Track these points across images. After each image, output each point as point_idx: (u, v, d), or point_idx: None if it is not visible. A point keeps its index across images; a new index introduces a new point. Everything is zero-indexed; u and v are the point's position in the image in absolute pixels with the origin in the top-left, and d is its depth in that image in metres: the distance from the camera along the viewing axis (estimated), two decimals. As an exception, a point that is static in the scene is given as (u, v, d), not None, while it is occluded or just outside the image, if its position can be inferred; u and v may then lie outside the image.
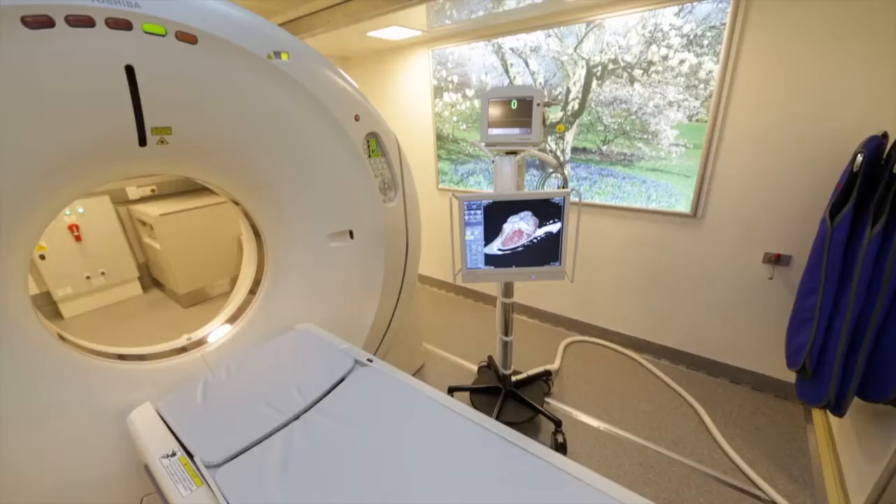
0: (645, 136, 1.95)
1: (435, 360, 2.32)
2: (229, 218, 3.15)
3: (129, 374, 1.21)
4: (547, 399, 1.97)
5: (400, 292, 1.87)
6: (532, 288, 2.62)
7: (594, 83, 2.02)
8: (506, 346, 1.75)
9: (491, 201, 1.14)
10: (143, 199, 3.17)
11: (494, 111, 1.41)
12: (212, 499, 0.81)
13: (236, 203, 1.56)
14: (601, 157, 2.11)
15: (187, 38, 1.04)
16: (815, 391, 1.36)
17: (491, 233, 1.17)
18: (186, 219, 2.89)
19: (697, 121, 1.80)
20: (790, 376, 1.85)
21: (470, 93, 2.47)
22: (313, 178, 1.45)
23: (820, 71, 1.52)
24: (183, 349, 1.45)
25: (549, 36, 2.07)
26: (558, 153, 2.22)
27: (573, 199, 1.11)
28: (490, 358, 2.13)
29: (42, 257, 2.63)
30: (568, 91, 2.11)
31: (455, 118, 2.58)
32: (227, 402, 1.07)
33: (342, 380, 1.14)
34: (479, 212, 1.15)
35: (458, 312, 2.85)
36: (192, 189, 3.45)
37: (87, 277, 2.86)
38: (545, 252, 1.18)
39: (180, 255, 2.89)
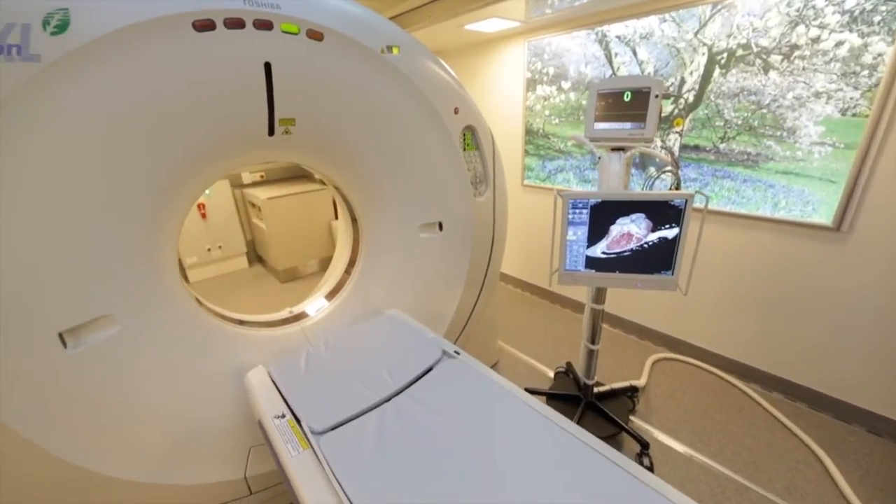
0: (778, 133, 1.68)
1: (509, 359, 2.28)
2: (323, 204, 3.42)
3: (247, 338, 1.36)
4: (631, 417, 1.82)
5: (482, 287, 1.86)
6: (618, 295, 2.44)
7: (716, 72, 1.79)
8: (591, 355, 1.65)
9: (599, 200, 1.06)
10: (254, 184, 3.57)
11: (603, 104, 1.31)
12: (316, 463, 0.88)
13: (337, 189, 1.67)
14: (717, 156, 1.87)
15: (316, 35, 1.12)
16: None
17: (596, 234, 1.10)
18: (289, 203, 3.19)
19: (854, 115, 1.50)
20: (962, 437, 1.48)
21: (566, 85, 2.35)
22: (411, 170, 1.49)
23: None
24: (286, 320, 1.60)
25: (665, 21, 1.88)
26: (665, 151, 2.01)
27: (697, 202, 0.99)
28: (569, 364, 2.03)
29: (177, 230, 3.10)
30: (682, 82, 1.90)
31: (547, 112, 2.48)
32: (326, 376, 1.15)
33: (430, 369, 1.16)
34: (584, 211, 1.08)
35: (535, 313, 2.77)
36: (294, 176, 3.81)
37: (208, 249, 3.32)
38: (656, 259, 1.07)
39: (281, 235, 3.22)
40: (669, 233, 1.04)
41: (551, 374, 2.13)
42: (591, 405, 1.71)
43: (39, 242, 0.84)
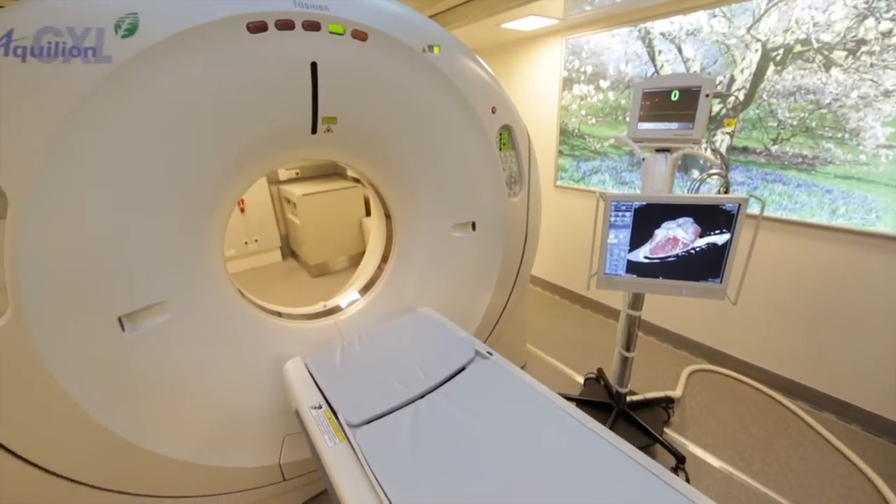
0: (839, 135, 1.57)
1: (537, 363, 2.25)
2: (355, 201, 3.49)
3: (284, 330, 1.41)
4: (665, 429, 1.75)
5: (512, 289, 1.84)
6: (653, 302, 2.35)
7: (770, 69, 1.69)
8: (625, 362, 1.60)
9: (644, 203, 1.02)
10: (290, 181, 3.68)
11: (648, 103, 1.27)
12: (352, 455, 0.89)
13: (373, 186, 1.69)
14: (768, 158, 1.76)
15: (360, 35, 1.14)
16: None
17: (639, 238, 1.06)
18: (322, 200, 3.28)
19: (929, 116, 1.37)
20: None
21: (605, 84, 2.28)
22: (446, 169, 1.49)
23: None
24: (320, 314, 1.64)
25: (715, 16, 1.79)
26: (714, 152, 1.92)
27: (752, 208, 0.93)
28: (600, 370, 1.98)
29: (217, 223, 3.24)
30: (731, 80, 1.80)
31: (584, 112, 2.43)
32: (361, 370, 1.17)
33: (463, 368, 1.16)
34: (627, 214, 1.04)
35: (565, 317, 2.72)
36: (326, 174, 3.91)
37: (245, 243, 3.46)
38: (704, 266, 1.03)
39: (314, 231, 3.30)
40: (719, 239, 0.99)
41: (580, 380, 2.08)
42: (624, 414, 1.66)
43: (106, 232, 0.90)
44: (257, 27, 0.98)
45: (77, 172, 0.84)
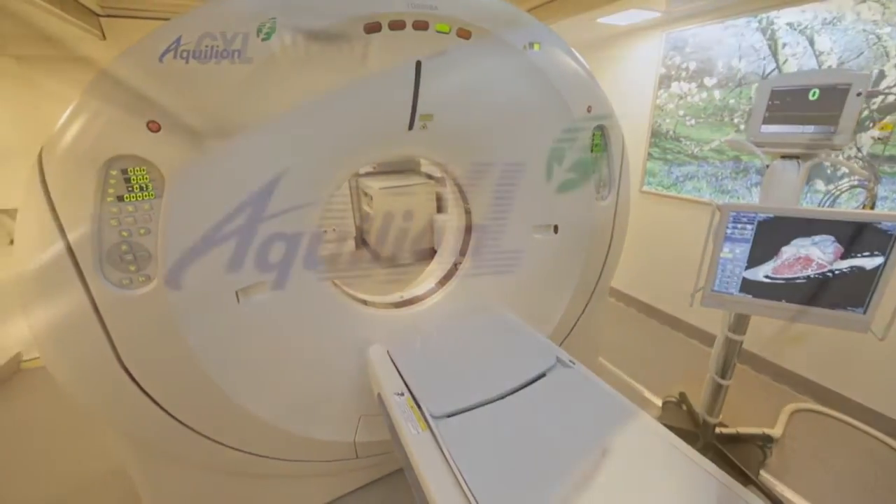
0: None
1: (608, 378, 2.09)
2: (427, 197, 3.57)
3: (368, 317, 1.48)
4: (760, 471, 1.56)
5: (590, 298, 1.75)
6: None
7: (937, 64, 1.41)
8: (718, 390, 1.45)
9: (772, 216, 0.91)
10: (367, 174, 3.88)
11: (778, 103, 1.12)
12: (434, 445, 0.91)
13: (455, 180, 1.70)
14: (925, 170, 1.48)
15: (464, 34, 1.15)
16: None
17: (760, 254, 0.94)
18: (397, 194, 3.41)
19: None
20: None
21: (710, 81, 2.07)
22: (533, 168, 1.46)
23: None
24: (398, 304, 1.70)
25: (863, 2, 1.53)
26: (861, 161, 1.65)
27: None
28: (682, 395, 1.82)
29: (303, 211, 3.52)
30: (880, 76, 1.53)
31: (682, 112, 2.23)
32: (440, 363, 1.19)
33: (543, 374, 1.13)
34: (748, 227, 0.93)
35: (640, 332, 2.54)
36: (401, 169, 4.05)
37: (324, 231, 3.70)
38: (843, 292, 0.88)
39: (388, 224, 3.44)
40: (868, 262, 0.84)
41: (657, 402, 1.93)
42: (712, 447, 1.51)
43: (238, 214, 1.02)
44: (372, 28, 1.04)
45: (219, 159, 0.95)
